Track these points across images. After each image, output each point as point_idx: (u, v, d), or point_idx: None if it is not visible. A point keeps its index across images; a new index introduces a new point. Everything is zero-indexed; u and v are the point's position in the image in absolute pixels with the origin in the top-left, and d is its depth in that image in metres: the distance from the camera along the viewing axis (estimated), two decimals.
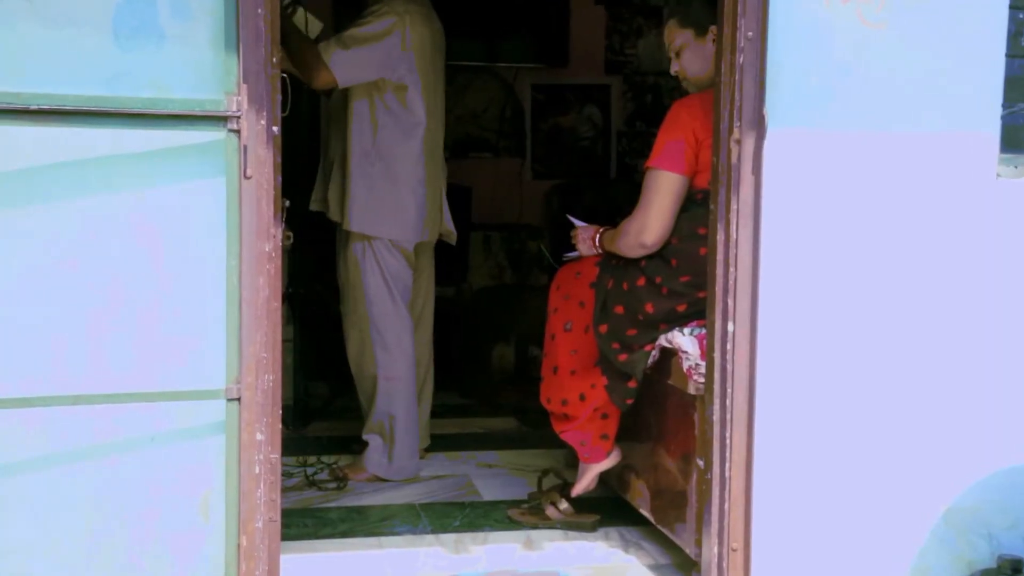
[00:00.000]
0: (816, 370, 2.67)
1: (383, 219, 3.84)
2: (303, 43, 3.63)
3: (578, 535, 3.38)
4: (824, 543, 2.69)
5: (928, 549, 2.73)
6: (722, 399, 2.67)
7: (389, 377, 3.93)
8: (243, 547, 2.41)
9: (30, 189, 2.27)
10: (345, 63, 3.61)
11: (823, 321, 2.66)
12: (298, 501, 3.65)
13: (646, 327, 3.10)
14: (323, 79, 3.60)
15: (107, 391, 2.32)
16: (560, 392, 3.32)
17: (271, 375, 2.46)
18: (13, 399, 2.27)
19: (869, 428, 2.70)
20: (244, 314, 2.40)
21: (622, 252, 3.16)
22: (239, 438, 2.40)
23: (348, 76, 3.64)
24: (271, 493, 2.48)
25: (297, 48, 3.58)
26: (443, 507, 3.64)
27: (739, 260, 2.62)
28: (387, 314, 3.91)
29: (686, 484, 2.96)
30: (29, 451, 2.30)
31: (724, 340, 2.66)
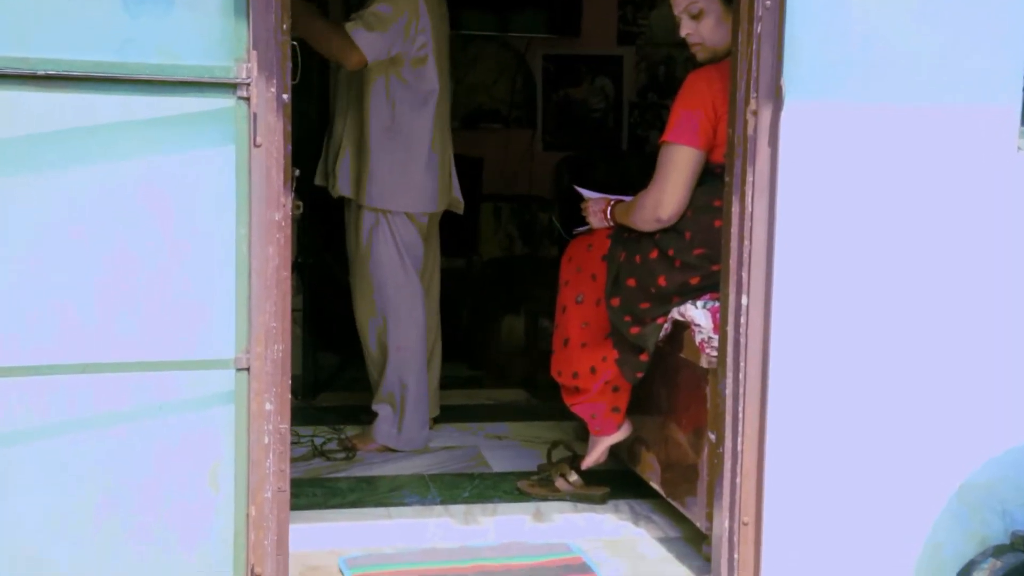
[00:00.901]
0: (830, 345, 2.64)
1: (402, 193, 3.82)
2: (328, 25, 3.66)
3: (588, 507, 3.37)
4: (836, 518, 2.67)
5: (941, 525, 2.71)
6: (735, 373, 2.65)
7: (399, 347, 3.92)
8: (252, 517, 2.40)
9: (37, 156, 2.25)
10: (371, 40, 3.61)
11: (838, 295, 2.64)
12: (307, 471, 3.65)
13: (659, 300, 3.07)
14: (354, 59, 3.61)
15: (115, 360, 2.31)
16: (571, 365, 3.30)
17: (280, 345, 2.45)
18: (21, 367, 2.26)
19: (883, 403, 2.67)
20: (253, 283, 2.38)
21: (636, 226, 3.13)
22: (248, 408, 2.39)
23: (374, 52, 3.64)
24: (280, 463, 2.47)
25: (323, 30, 3.59)
26: (452, 478, 3.64)
27: (754, 233, 2.59)
28: (399, 284, 3.90)
29: (697, 457, 2.95)
30: (36, 420, 2.29)
31: (738, 313, 2.63)
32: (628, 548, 3.03)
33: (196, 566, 2.39)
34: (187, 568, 2.39)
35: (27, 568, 2.30)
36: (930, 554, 2.71)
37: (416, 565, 2.83)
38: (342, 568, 2.80)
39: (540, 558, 2.90)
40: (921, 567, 2.71)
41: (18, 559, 2.30)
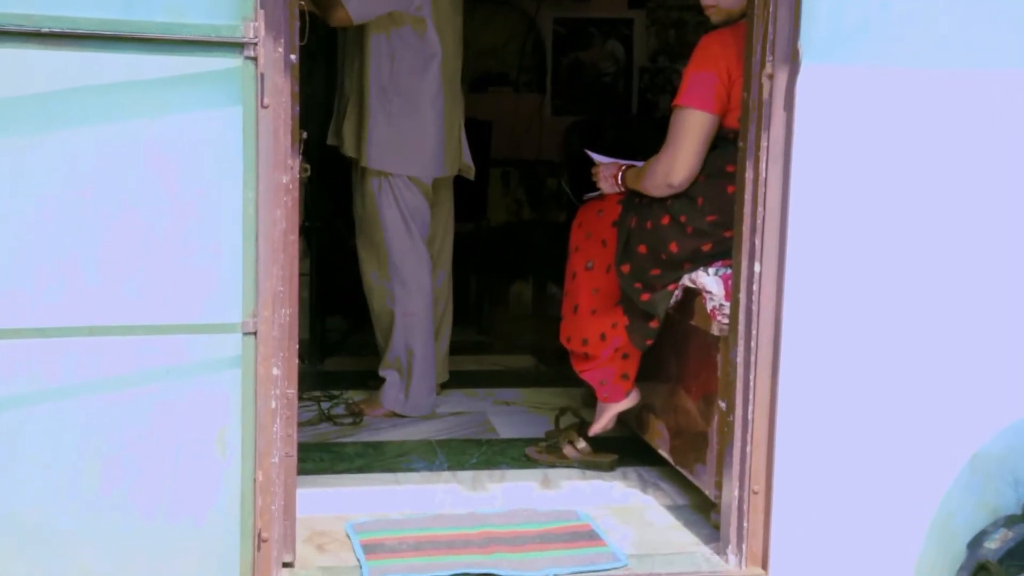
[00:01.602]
0: (843, 313, 2.61)
1: (401, 155, 3.78)
2: None
3: (596, 474, 3.36)
4: (847, 488, 2.65)
5: (952, 494, 2.69)
6: (746, 340, 2.62)
7: (406, 313, 3.90)
8: (259, 482, 2.39)
9: (42, 116, 2.22)
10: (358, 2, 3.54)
11: (852, 263, 2.60)
12: (314, 435, 3.64)
13: (669, 267, 3.04)
14: (338, 16, 3.55)
15: (122, 323, 2.29)
16: (580, 332, 3.28)
17: (288, 309, 2.42)
18: (26, 329, 2.24)
19: (897, 373, 2.64)
20: (261, 247, 2.35)
21: (647, 192, 3.09)
22: (255, 372, 2.37)
23: (362, 12, 3.57)
24: (287, 428, 2.46)
25: None
26: (460, 444, 3.63)
27: (767, 199, 2.56)
28: (405, 250, 3.87)
29: (707, 426, 2.92)
30: (42, 384, 2.28)
31: (750, 281, 2.60)
32: (636, 515, 3.02)
33: (203, 530, 2.38)
34: (194, 532, 2.38)
35: (31, 533, 2.29)
36: (941, 524, 2.69)
37: (423, 531, 2.82)
38: (349, 533, 2.80)
39: (548, 525, 2.89)
40: (932, 537, 2.69)
41: (22, 524, 2.29)
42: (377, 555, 2.64)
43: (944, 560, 2.69)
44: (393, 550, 2.68)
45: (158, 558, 2.35)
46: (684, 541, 2.85)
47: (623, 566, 2.65)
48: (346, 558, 2.66)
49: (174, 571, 2.35)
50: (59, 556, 2.31)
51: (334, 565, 2.61)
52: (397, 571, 2.54)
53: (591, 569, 2.62)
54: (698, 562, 2.71)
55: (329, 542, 2.75)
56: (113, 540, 2.33)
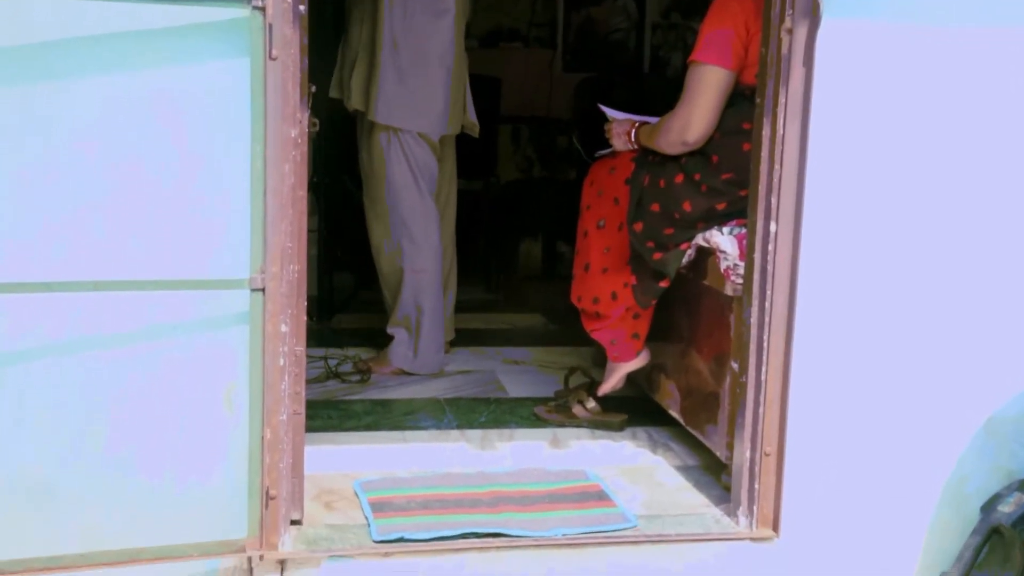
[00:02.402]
0: (860, 274, 2.57)
1: (411, 111, 3.74)
2: None
3: (605, 434, 3.34)
4: (860, 451, 2.63)
5: (967, 458, 2.66)
6: (761, 301, 2.58)
7: (415, 270, 3.87)
8: (267, 439, 2.37)
9: (45, 66, 2.17)
10: None
11: (870, 224, 2.55)
12: (322, 393, 3.62)
13: (683, 226, 3.00)
14: None
15: (128, 278, 2.25)
16: (591, 291, 3.25)
17: (296, 265, 2.39)
18: (32, 283, 2.21)
19: (913, 336, 2.61)
20: (269, 202, 2.31)
21: (661, 149, 3.04)
22: (263, 329, 2.34)
23: None
24: (295, 386, 2.44)
25: None
26: (468, 402, 3.61)
27: (785, 157, 2.51)
28: (414, 206, 3.84)
29: (719, 387, 2.90)
30: (46, 339, 2.25)
31: (765, 240, 2.56)
32: (646, 476, 3.00)
33: (211, 488, 2.37)
34: (201, 490, 2.36)
35: (38, 491, 2.28)
36: (954, 487, 2.67)
37: (432, 489, 2.80)
38: (357, 491, 2.78)
39: (557, 485, 2.87)
40: (945, 500, 2.67)
41: (28, 481, 2.27)
42: (385, 513, 2.63)
43: (957, 523, 2.67)
44: (401, 508, 2.67)
45: (165, 516, 2.34)
46: (694, 502, 2.83)
47: (633, 527, 2.64)
48: (354, 516, 2.64)
49: (182, 529, 2.34)
50: (66, 514, 2.29)
51: (342, 523, 2.60)
52: (405, 529, 2.53)
53: (600, 529, 2.60)
54: (708, 523, 2.69)
55: (337, 500, 2.74)
56: (119, 498, 2.31)
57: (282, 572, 2.43)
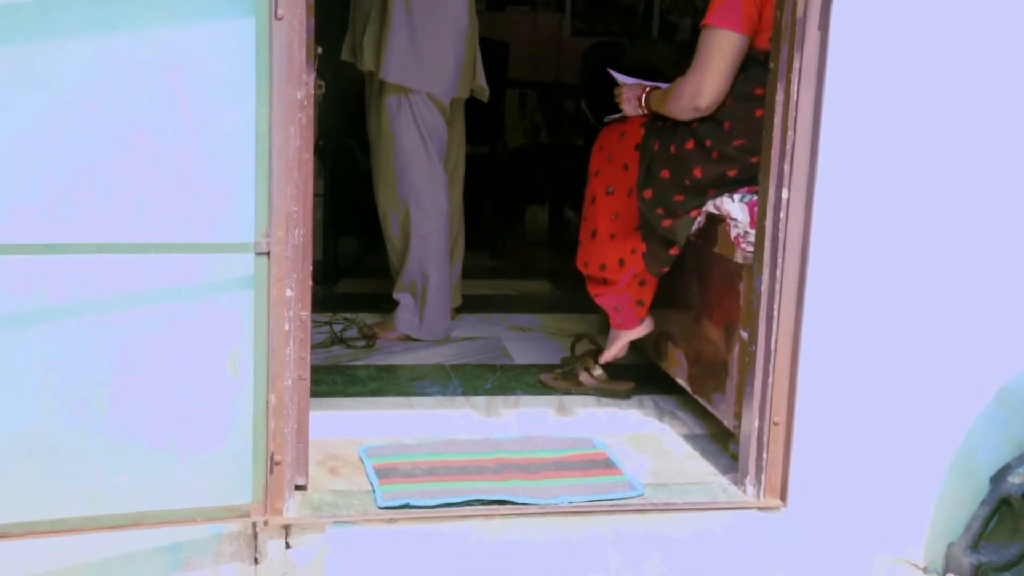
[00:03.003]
0: (873, 243, 2.54)
1: (422, 71, 3.70)
2: None
3: (611, 402, 3.32)
4: (869, 420, 2.60)
5: (977, 428, 2.64)
6: (771, 269, 2.55)
7: (422, 235, 3.84)
8: (272, 404, 2.35)
9: (47, 24, 2.13)
10: None
11: (884, 192, 2.52)
12: (327, 358, 3.61)
13: (693, 192, 2.96)
14: None
15: (131, 241, 2.23)
16: (599, 257, 3.21)
17: (302, 229, 2.36)
18: (34, 245, 2.18)
19: (925, 305, 2.58)
20: (274, 165, 2.28)
21: (672, 115, 3.00)
22: (268, 294, 2.31)
23: None
24: (301, 351, 2.42)
25: None
26: (474, 369, 3.59)
27: (798, 123, 2.46)
28: (422, 170, 3.80)
29: (727, 355, 2.87)
30: (49, 301, 2.23)
31: (777, 208, 2.53)
32: (652, 444, 2.98)
33: (215, 453, 2.35)
34: (206, 455, 2.35)
35: (39, 453, 2.26)
36: (964, 458, 2.65)
37: (437, 456, 2.79)
38: (362, 457, 2.77)
39: (563, 452, 2.85)
40: (954, 470, 2.65)
41: (32, 443, 2.25)
42: (390, 479, 2.62)
43: (966, 493, 2.66)
44: (406, 475, 2.65)
45: (170, 480, 2.32)
46: (701, 471, 2.81)
47: (639, 495, 2.62)
48: (359, 482, 2.63)
49: (186, 493, 2.32)
50: (70, 478, 2.28)
51: (347, 489, 2.59)
52: (410, 496, 2.52)
53: (606, 497, 2.59)
54: (715, 492, 2.67)
55: (342, 466, 2.72)
56: (124, 462, 2.30)
57: (287, 537, 2.42)
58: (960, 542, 2.61)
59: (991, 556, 2.54)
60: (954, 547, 2.61)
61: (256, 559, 2.41)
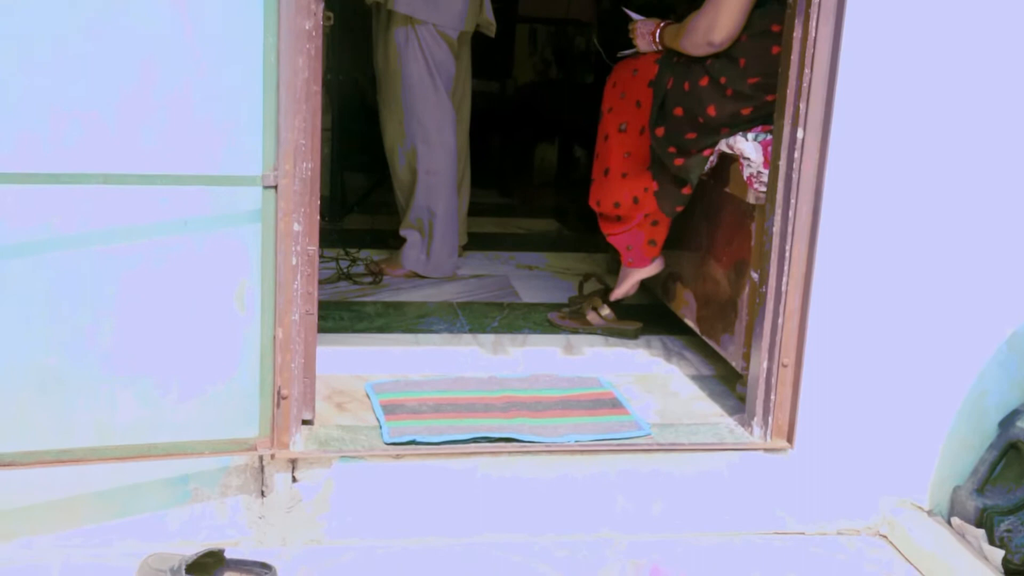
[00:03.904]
0: (888, 184, 2.50)
1: (429, 2, 3.63)
2: None
3: (619, 342, 3.31)
4: (879, 363, 2.59)
5: (988, 373, 2.62)
6: (784, 210, 2.52)
7: (429, 171, 3.81)
8: (279, 339, 2.34)
9: None
10: None
11: (902, 131, 2.47)
12: (334, 294, 3.59)
13: (706, 131, 2.92)
14: None
15: (138, 172, 2.20)
16: (612, 195, 3.18)
17: (309, 163, 2.33)
18: (40, 175, 2.15)
19: (938, 248, 2.55)
20: (282, 97, 2.24)
21: (686, 51, 2.94)
22: (276, 228, 2.29)
23: None
24: (308, 286, 2.40)
25: None
26: (481, 307, 3.58)
27: (816, 61, 2.42)
28: (429, 105, 3.76)
29: (736, 296, 2.85)
30: (55, 232, 2.21)
31: (791, 147, 2.49)
32: (659, 385, 2.98)
33: (222, 386, 2.35)
34: (213, 388, 2.34)
35: (46, 384, 2.26)
36: (973, 402, 2.63)
37: (444, 393, 2.78)
38: (369, 393, 2.76)
39: (570, 391, 2.85)
40: (963, 414, 2.64)
41: (36, 374, 2.25)
42: (397, 416, 2.61)
43: (975, 437, 2.65)
44: (413, 411, 2.65)
45: (177, 413, 2.32)
46: (708, 412, 2.80)
47: (645, 435, 2.62)
48: (366, 418, 2.63)
49: (193, 426, 2.33)
50: (76, 409, 2.28)
51: (353, 424, 2.58)
52: (416, 432, 2.51)
53: (613, 437, 2.58)
54: (722, 433, 2.67)
55: (349, 401, 2.72)
56: (130, 394, 2.29)
57: (293, 471, 2.42)
58: (966, 485, 2.61)
59: (997, 500, 2.54)
60: (960, 490, 2.61)
61: (263, 492, 2.42)
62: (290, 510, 2.43)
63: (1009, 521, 2.49)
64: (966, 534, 2.54)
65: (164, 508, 2.39)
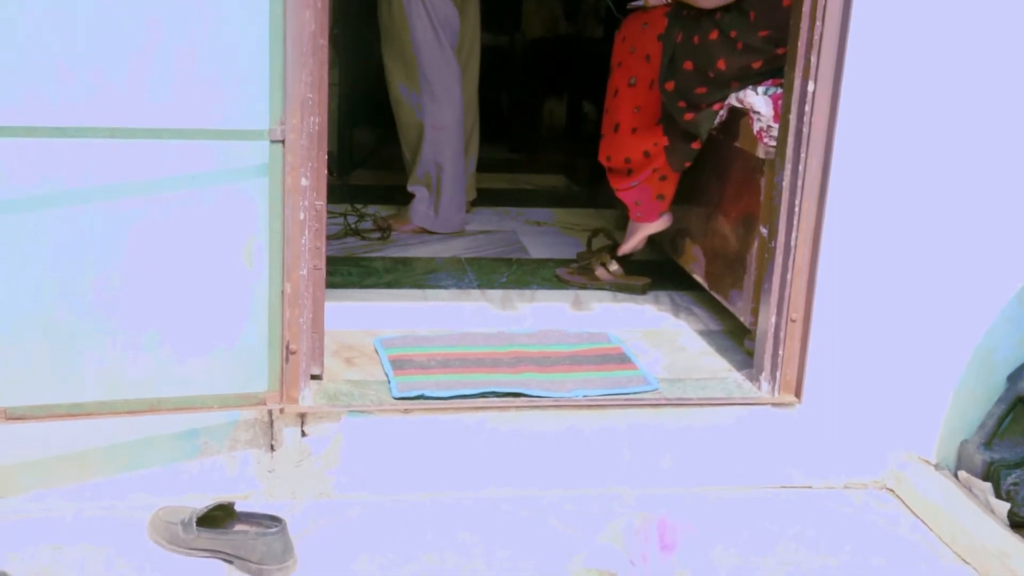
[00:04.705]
0: (899, 137, 2.48)
1: None
2: None
3: (627, 297, 3.31)
4: (888, 318, 2.59)
5: (996, 328, 2.62)
6: (794, 164, 2.51)
7: (435, 126, 3.79)
8: (288, 294, 2.34)
9: None
10: None
11: (912, 84, 2.45)
12: (342, 249, 3.59)
13: (716, 85, 2.90)
14: None
15: (144, 126, 2.19)
16: (623, 150, 3.16)
17: (317, 117, 2.32)
18: (45, 128, 2.14)
19: (948, 202, 2.53)
20: (289, 50, 2.23)
21: (696, 3, 2.91)
22: (283, 182, 2.28)
23: None
24: (316, 241, 2.40)
25: None
26: (490, 263, 3.57)
27: (827, 12, 2.39)
28: (435, 61, 3.73)
29: (745, 251, 2.84)
30: (63, 185, 2.20)
31: (802, 101, 2.47)
32: (668, 340, 2.98)
33: (231, 341, 2.35)
34: (222, 343, 2.35)
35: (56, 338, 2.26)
36: (982, 357, 2.63)
37: (452, 348, 2.79)
38: (377, 348, 2.77)
39: (578, 346, 2.85)
40: (972, 368, 2.64)
41: (46, 329, 2.25)
42: (405, 371, 2.62)
43: (982, 392, 2.65)
44: (421, 366, 2.65)
45: (186, 368, 2.33)
46: (716, 367, 2.81)
47: (654, 390, 2.62)
48: (374, 372, 2.63)
49: (202, 380, 2.33)
50: (87, 363, 2.28)
51: (362, 379, 2.59)
52: (425, 387, 2.52)
53: (621, 392, 2.59)
54: (730, 388, 2.67)
55: (357, 356, 2.73)
56: (140, 348, 2.30)
57: (302, 425, 2.44)
58: (973, 439, 2.61)
59: (1003, 453, 2.55)
60: (967, 444, 2.62)
61: (272, 446, 2.43)
62: (299, 464, 2.45)
63: (1016, 474, 2.50)
64: (973, 487, 2.55)
65: (174, 462, 2.40)
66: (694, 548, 2.25)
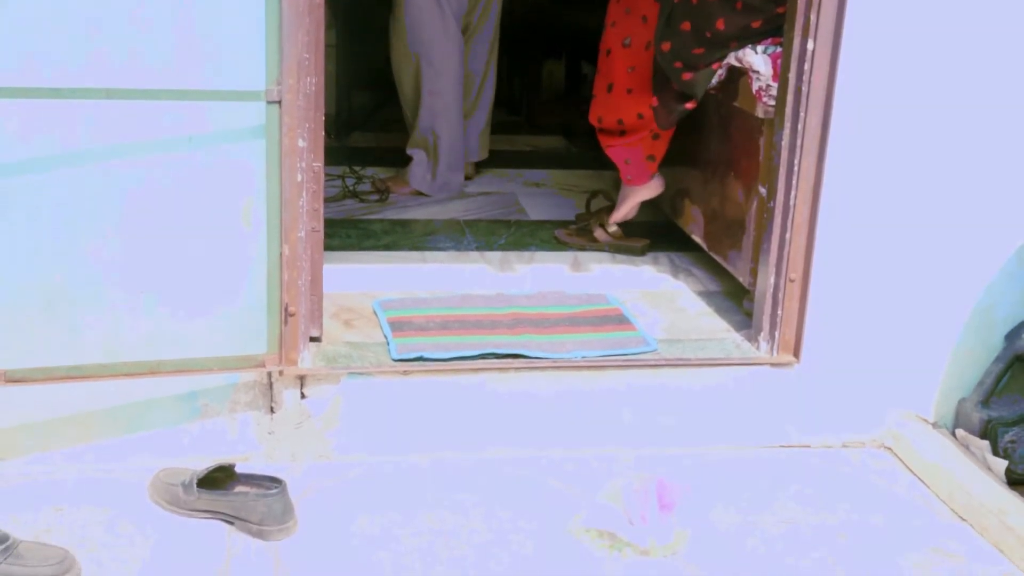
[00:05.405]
0: (898, 95, 2.47)
1: None
2: None
3: (626, 259, 3.31)
4: (886, 277, 2.58)
5: (996, 286, 2.61)
6: (793, 123, 2.50)
7: (432, 91, 3.77)
8: (286, 256, 2.34)
9: None
10: None
11: (913, 43, 2.43)
12: (340, 211, 3.59)
13: (714, 45, 2.87)
14: None
15: (140, 87, 2.18)
16: (616, 111, 3.14)
17: (314, 78, 2.31)
18: (41, 89, 2.13)
19: (947, 160, 2.52)
20: (284, 9, 2.21)
21: None
22: (280, 143, 2.27)
23: None
24: (314, 202, 2.39)
25: None
26: (488, 224, 3.57)
27: None
28: (434, 27, 3.71)
29: (744, 212, 2.84)
30: (57, 147, 2.19)
31: (801, 59, 2.45)
32: (667, 301, 2.98)
33: (230, 304, 2.35)
34: (220, 305, 2.35)
35: (55, 300, 2.26)
36: (981, 315, 2.63)
37: (451, 310, 2.79)
38: (376, 310, 2.77)
39: (577, 308, 2.85)
40: (970, 327, 2.64)
41: (45, 291, 2.25)
42: (404, 332, 2.62)
43: (981, 350, 2.65)
44: (420, 328, 2.66)
45: (186, 330, 2.33)
46: (715, 327, 2.81)
47: (652, 350, 2.62)
48: (373, 334, 2.64)
49: (202, 343, 2.33)
50: (86, 326, 2.28)
51: (361, 341, 2.59)
52: (424, 349, 2.53)
53: (620, 352, 2.59)
54: (729, 348, 2.68)
55: (356, 318, 2.73)
56: (139, 310, 2.30)
57: (302, 387, 2.44)
58: (971, 397, 2.62)
59: (1001, 412, 2.56)
60: (965, 402, 2.63)
61: (272, 408, 2.44)
62: (299, 426, 2.46)
63: (1013, 432, 2.51)
64: (970, 445, 2.56)
65: (174, 424, 2.41)
66: (693, 507, 2.26)
